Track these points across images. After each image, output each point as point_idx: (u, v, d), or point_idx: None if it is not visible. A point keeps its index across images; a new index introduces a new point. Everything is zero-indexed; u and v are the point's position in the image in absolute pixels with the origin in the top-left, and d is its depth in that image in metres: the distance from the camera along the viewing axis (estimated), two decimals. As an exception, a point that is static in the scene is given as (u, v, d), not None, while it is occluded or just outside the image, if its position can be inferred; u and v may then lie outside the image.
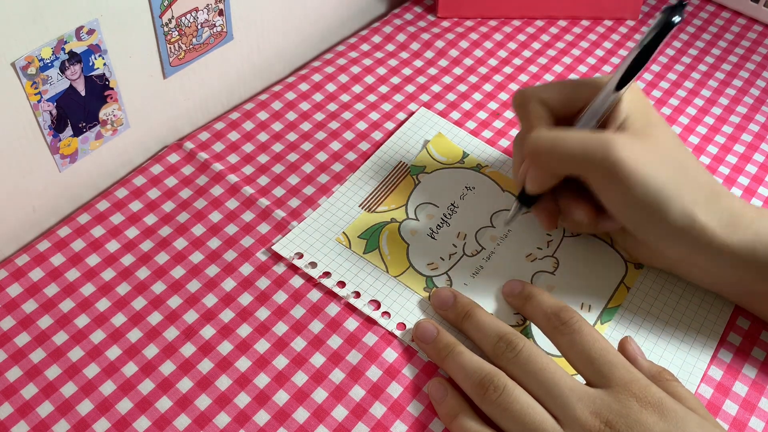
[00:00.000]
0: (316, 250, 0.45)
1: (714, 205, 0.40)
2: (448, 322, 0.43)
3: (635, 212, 0.40)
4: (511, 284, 0.44)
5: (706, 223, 0.39)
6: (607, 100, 0.41)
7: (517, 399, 0.36)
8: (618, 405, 0.35)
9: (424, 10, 0.64)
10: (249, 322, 0.42)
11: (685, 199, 0.39)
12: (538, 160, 0.42)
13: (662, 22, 0.39)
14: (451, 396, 0.39)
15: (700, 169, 0.41)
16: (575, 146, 0.40)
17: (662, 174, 0.39)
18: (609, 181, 0.40)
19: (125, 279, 0.44)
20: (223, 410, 0.39)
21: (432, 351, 0.41)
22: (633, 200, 0.39)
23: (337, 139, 0.53)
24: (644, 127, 0.41)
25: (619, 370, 0.37)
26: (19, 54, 0.38)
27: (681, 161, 0.41)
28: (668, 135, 0.42)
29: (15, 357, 0.40)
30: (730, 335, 0.44)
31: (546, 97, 0.43)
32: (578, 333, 0.38)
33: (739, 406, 0.41)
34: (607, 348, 0.38)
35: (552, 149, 0.41)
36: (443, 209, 0.48)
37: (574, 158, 0.40)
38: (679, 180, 0.40)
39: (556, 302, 0.41)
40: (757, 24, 0.65)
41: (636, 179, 0.39)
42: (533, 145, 0.41)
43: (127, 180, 0.49)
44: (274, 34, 0.56)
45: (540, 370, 0.37)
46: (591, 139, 0.40)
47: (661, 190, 0.39)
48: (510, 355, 0.38)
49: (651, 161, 0.39)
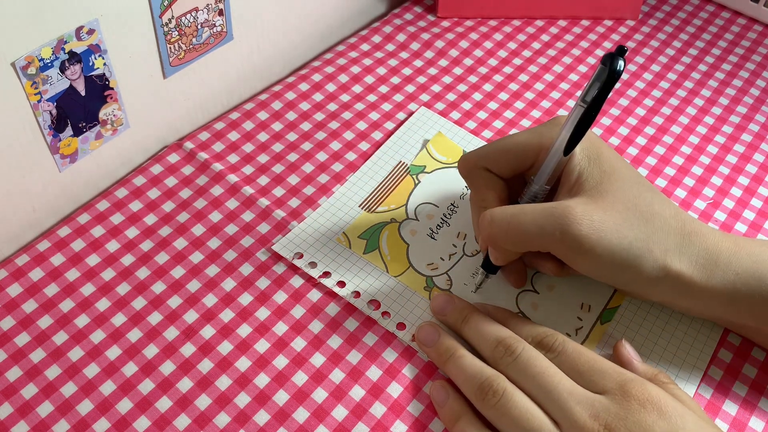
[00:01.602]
0: (316, 250, 0.45)
1: (687, 249, 0.39)
2: (448, 327, 0.42)
3: (607, 274, 0.40)
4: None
5: (681, 270, 0.39)
6: (554, 162, 0.40)
7: (516, 403, 0.36)
8: (617, 407, 0.35)
9: (424, 10, 0.64)
10: (249, 322, 0.42)
11: (655, 252, 0.38)
12: (495, 242, 0.40)
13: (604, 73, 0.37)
14: (452, 399, 0.39)
15: (666, 212, 0.40)
16: (531, 227, 0.39)
17: (627, 234, 0.38)
18: (574, 254, 0.39)
19: (125, 279, 0.44)
20: (223, 410, 0.39)
21: (434, 354, 0.41)
22: (602, 266, 0.39)
23: (337, 139, 0.53)
24: (599, 184, 0.39)
25: (611, 375, 0.37)
26: (19, 54, 0.38)
27: (644, 211, 0.39)
28: (626, 182, 0.40)
29: (15, 357, 0.40)
30: (729, 335, 0.44)
31: (490, 165, 0.43)
32: (563, 353, 0.38)
33: (739, 406, 0.41)
34: (594, 358, 0.38)
35: (507, 232, 0.39)
36: (443, 209, 0.48)
37: (532, 238, 0.39)
38: (646, 233, 0.39)
39: (534, 330, 0.40)
40: (757, 24, 0.65)
41: (601, 248, 0.38)
42: (488, 229, 0.40)
43: (127, 180, 0.49)
44: (274, 34, 0.56)
45: (538, 374, 0.37)
46: (546, 216, 0.38)
47: (628, 250, 0.38)
48: (508, 359, 0.38)
49: (612, 224, 0.38)
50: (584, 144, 0.40)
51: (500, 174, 0.43)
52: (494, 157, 0.43)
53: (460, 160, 0.44)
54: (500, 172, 0.43)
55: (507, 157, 0.42)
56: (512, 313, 0.42)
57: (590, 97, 0.38)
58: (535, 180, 0.41)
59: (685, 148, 0.54)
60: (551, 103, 0.57)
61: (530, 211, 0.39)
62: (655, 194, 0.41)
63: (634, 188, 0.40)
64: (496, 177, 0.43)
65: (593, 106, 0.38)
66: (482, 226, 0.41)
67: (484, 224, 0.40)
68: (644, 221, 0.39)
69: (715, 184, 0.52)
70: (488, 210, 0.41)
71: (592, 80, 0.38)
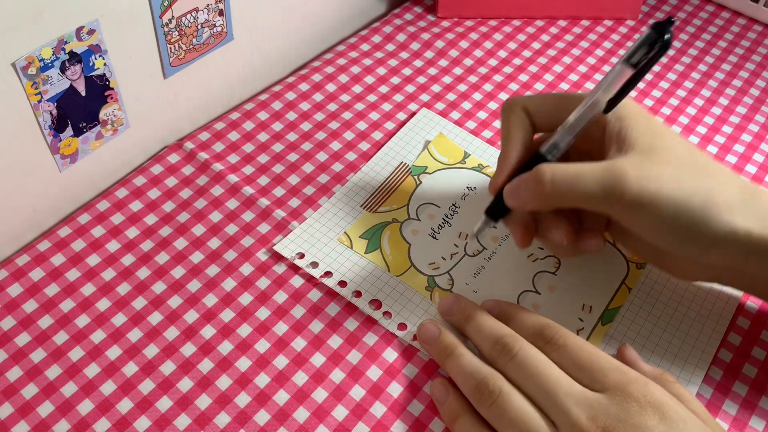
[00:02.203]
0: (318, 250, 0.45)
1: (753, 205, 0.37)
2: (453, 326, 0.42)
3: (671, 233, 0.38)
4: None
5: (749, 226, 0.37)
6: (588, 115, 0.39)
7: (513, 404, 0.36)
8: (616, 408, 0.34)
9: (424, 10, 0.64)
10: (249, 321, 0.42)
11: (720, 204, 0.37)
12: (550, 199, 0.39)
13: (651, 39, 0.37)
14: (453, 397, 0.39)
15: (724, 170, 0.39)
16: (594, 186, 0.37)
17: (687, 186, 0.37)
18: (635, 212, 0.37)
19: (125, 279, 0.44)
20: (224, 410, 0.39)
21: (434, 352, 0.41)
22: (665, 223, 0.37)
23: (337, 139, 0.53)
24: (651, 142, 0.38)
25: (612, 372, 0.36)
26: (19, 54, 0.38)
27: (701, 166, 0.38)
28: (679, 142, 0.39)
29: (15, 357, 0.40)
30: (730, 335, 0.44)
31: (530, 106, 0.42)
32: (564, 347, 0.38)
33: (739, 406, 0.41)
34: (596, 353, 0.37)
35: (568, 192, 0.38)
36: (444, 209, 0.48)
37: (593, 198, 0.38)
38: (708, 185, 0.37)
39: (537, 321, 0.40)
40: (757, 24, 0.65)
41: (661, 201, 0.36)
42: (549, 186, 0.38)
43: (128, 180, 0.49)
44: (274, 34, 0.56)
45: (536, 374, 0.36)
46: (607, 176, 0.37)
47: (690, 201, 0.36)
48: (506, 358, 0.38)
49: (670, 177, 0.37)
50: (629, 107, 0.40)
51: (537, 119, 0.42)
52: (538, 100, 0.42)
53: (507, 99, 0.43)
54: (538, 116, 0.42)
55: (549, 103, 0.42)
56: (521, 307, 0.42)
57: (636, 60, 0.37)
58: (562, 130, 0.40)
59: (686, 148, 0.54)
60: (551, 103, 0.57)
61: (590, 170, 0.38)
62: (706, 155, 0.40)
63: (686, 146, 0.39)
64: (529, 121, 0.42)
65: (641, 72, 0.37)
66: (539, 182, 0.38)
67: (543, 181, 0.38)
68: (705, 174, 0.38)
69: (715, 184, 0.52)
70: (547, 166, 0.39)
71: (639, 44, 0.37)
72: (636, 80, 0.38)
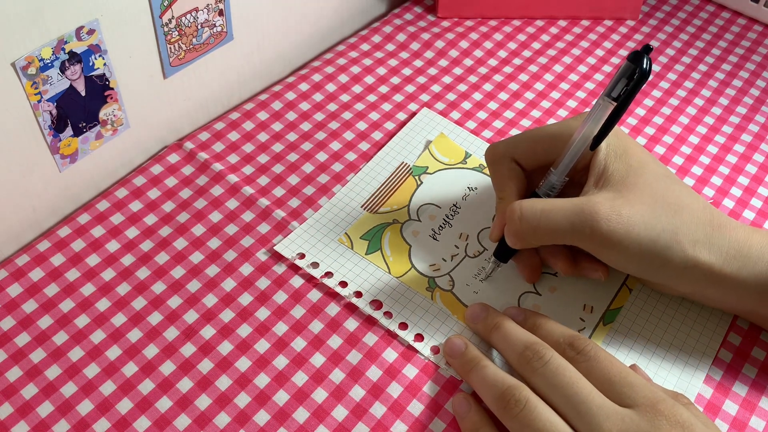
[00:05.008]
0: (318, 250, 0.45)
1: (717, 240, 0.39)
2: (479, 336, 0.42)
3: (636, 266, 0.40)
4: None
5: (711, 261, 0.38)
6: (576, 154, 0.40)
7: (540, 414, 0.35)
8: (647, 425, 0.34)
9: (424, 10, 0.64)
10: (249, 322, 0.42)
11: (684, 243, 0.38)
12: (523, 235, 0.40)
13: (629, 70, 0.37)
14: (474, 411, 0.38)
15: (695, 204, 0.40)
16: (562, 223, 0.39)
17: (655, 226, 0.38)
18: (603, 248, 0.39)
19: (125, 279, 0.44)
20: (223, 410, 0.39)
21: (458, 365, 0.40)
22: (634, 259, 0.39)
23: (337, 139, 0.53)
24: (626, 178, 0.40)
25: (642, 389, 0.36)
26: (19, 54, 0.38)
27: (672, 203, 0.39)
28: (654, 175, 0.40)
29: (15, 357, 0.40)
30: (730, 335, 0.44)
31: (517, 154, 0.43)
32: (594, 359, 0.37)
33: (739, 406, 0.41)
34: (625, 369, 0.37)
35: (537, 228, 0.39)
36: (445, 210, 0.48)
37: (562, 234, 0.39)
38: (675, 224, 0.39)
39: (567, 331, 0.39)
40: (757, 24, 0.65)
41: (629, 241, 0.38)
42: (517, 224, 0.40)
43: (127, 180, 0.49)
44: (274, 34, 0.56)
45: (567, 384, 0.36)
46: (576, 212, 0.39)
47: (656, 242, 0.38)
48: (536, 364, 0.37)
49: (640, 217, 0.38)
50: (611, 139, 0.41)
51: (525, 165, 0.43)
52: (523, 147, 0.43)
53: (488, 148, 0.44)
54: (526, 162, 0.43)
55: (536, 148, 0.43)
56: (546, 316, 0.42)
57: (617, 93, 0.38)
58: (556, 171, 0.41)
59: (685, 148, 0.54)
60: (551, 103, 0.57)
61: (560, 206, 0.39)
62: (683, 188, 0.41)
63: (661, 182, 0.40)
64: (519, 168, 0.43)
65: (623, 104, 0.38)
66: (511, 220, 0.40)
67: (513, 218, 0.40)
68: (672, 213, 0.39)
69: (715, 184, 0.52)
70: (516, 203, 0.40)
71: (618, 76, 0.38)
72: (620, 112, 0.39)
